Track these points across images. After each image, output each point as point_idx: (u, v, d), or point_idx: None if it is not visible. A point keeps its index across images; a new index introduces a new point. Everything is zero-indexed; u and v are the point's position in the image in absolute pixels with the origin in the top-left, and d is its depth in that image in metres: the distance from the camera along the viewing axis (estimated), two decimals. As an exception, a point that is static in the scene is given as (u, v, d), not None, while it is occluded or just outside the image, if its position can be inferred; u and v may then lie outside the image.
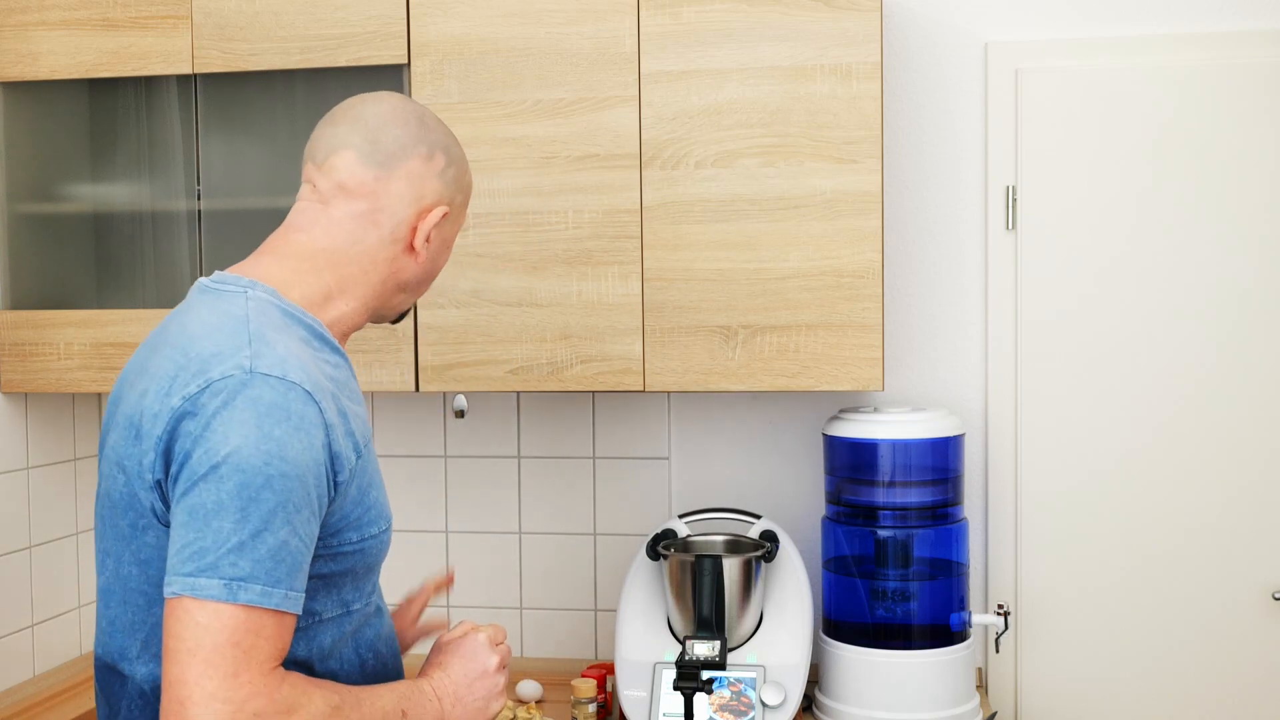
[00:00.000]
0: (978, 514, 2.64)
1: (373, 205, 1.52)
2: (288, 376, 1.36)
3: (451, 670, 1.53)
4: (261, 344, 1.39)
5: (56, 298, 2.61)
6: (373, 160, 1.52)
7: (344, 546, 1.45)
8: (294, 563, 1.33)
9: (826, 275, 2.28)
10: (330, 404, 1.40)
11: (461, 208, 1.62)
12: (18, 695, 2.53)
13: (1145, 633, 2.58)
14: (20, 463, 2.62)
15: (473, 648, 1.55)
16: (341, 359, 1.52)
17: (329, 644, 1.48)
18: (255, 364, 1.36)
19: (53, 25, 2.48)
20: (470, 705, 1.52)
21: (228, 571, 1.29)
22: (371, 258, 1.53)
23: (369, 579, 1.53)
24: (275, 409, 1.34)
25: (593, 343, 2.35)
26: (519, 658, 2.80)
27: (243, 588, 1.29)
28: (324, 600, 1.46)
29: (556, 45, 2.33)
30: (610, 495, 2.76)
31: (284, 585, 1.32)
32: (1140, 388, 2.56)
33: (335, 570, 1.45)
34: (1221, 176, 2.52)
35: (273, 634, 1.31)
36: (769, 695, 2.27)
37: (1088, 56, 2.56)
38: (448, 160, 1.57)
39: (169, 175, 2.52)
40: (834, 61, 2.25)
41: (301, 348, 1.43)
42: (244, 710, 1.27)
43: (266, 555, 1.30)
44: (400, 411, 2.82)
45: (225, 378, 1.35)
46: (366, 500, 1.46)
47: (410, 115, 1.55)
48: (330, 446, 1.38)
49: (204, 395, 1.35)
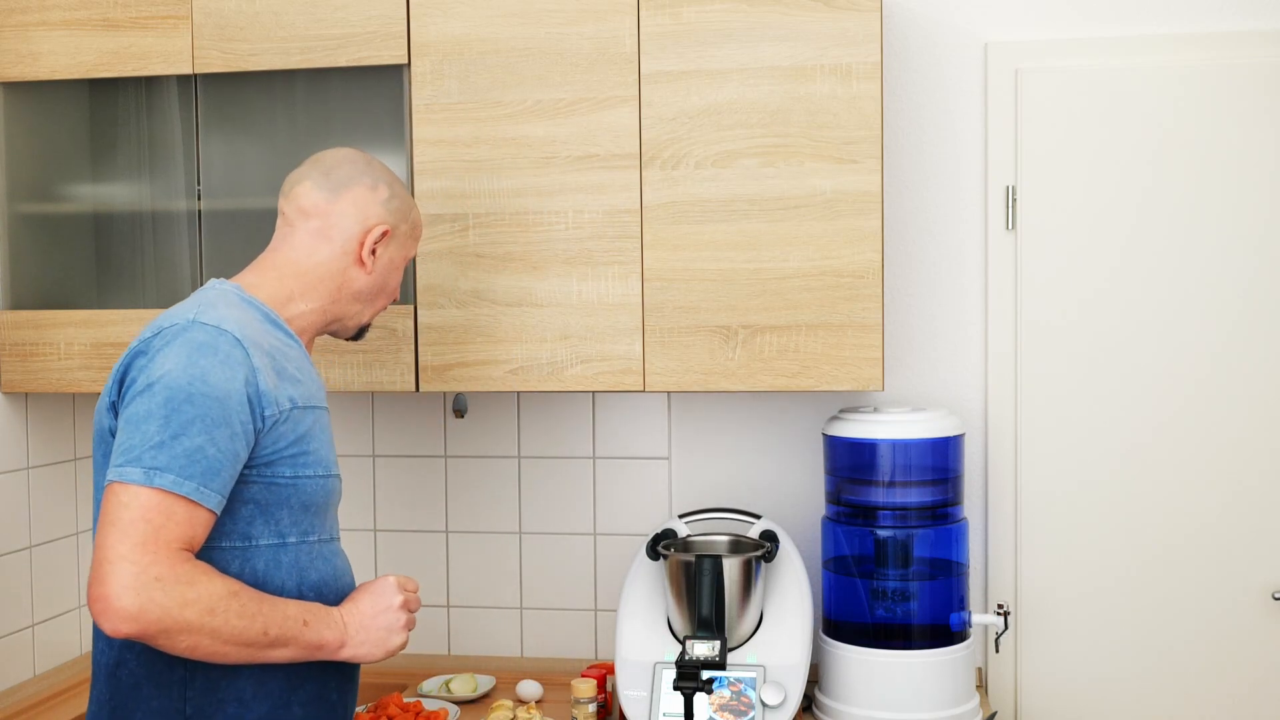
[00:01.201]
0: (978, 514, 2.64)
1: (325, 223, 1.89)
2: (221, 325, 1.69)
3: (360, 603, 1.78)
4: (208, 307, 1.73)
5: (57, 298, 2.61)
6: (325, 187, 1.90)
7: (277, 478, 1.73)
8: (208, 465, 1.61)
9: (826, 275, 2.28)
10: (263, 356, 1.71)
11: (407, 236, 1.98)
12: (18, 695, 2.53)
13: (1145, 633, 2.58)
14: (20, 463, 2.62)
15: (381, 586, 1.80)
16: (294, 344, 1.83)
17: (262, 569, 1.72)
18: (198, 316, 1.70)
19: (53, 25, 2.48)
20: (373, 634, 1.76)
21: (148, 462, 1.58)
22: (327, 267, 1.88)
23: (306, 517, 1.77)
24: (205, 346, 1.66)
25: (593, 343, 2.35)
26: (519, 658, 2.80)
27: (158, 475, 1.58)
28: (260, 527, 1.73)
29: (556, 45, 2.33)
30: (610, 495, 2.76)
31: (196, 480, 1.59)
32: (1140, 387, 2.56)
33: (270, 499, 1.73)
34: (1221, 176, 2.52)
35: (182, 520, 1.59)
36: (769, 695, 2.27)
37: (1088, 56, 2.56)
38: (391, 193, 1.94)
39: (169, 175, 2.52)
40: (834, 61, 2.25)
41: (251, 320, 1.75)
42: (147, 573, 1.54)
43: (182, 454, 1.59)
44: (400, 411, 2.82)
45: (172, 325, 1.70)
46: (303, 445, 1.75)
47: (359, 157, 1.95)
48: (257, 384, 1.68)
49: (155, 339, 1.69)
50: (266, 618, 1.64)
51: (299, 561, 1.77)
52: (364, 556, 2.85)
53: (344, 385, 2.41)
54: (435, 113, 2.36)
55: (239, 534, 1.71)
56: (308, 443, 1.76)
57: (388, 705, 2.34)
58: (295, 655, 1.68)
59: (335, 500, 1.86)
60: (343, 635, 1.73)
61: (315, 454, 1.78)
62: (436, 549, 2.83)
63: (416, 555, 2.83)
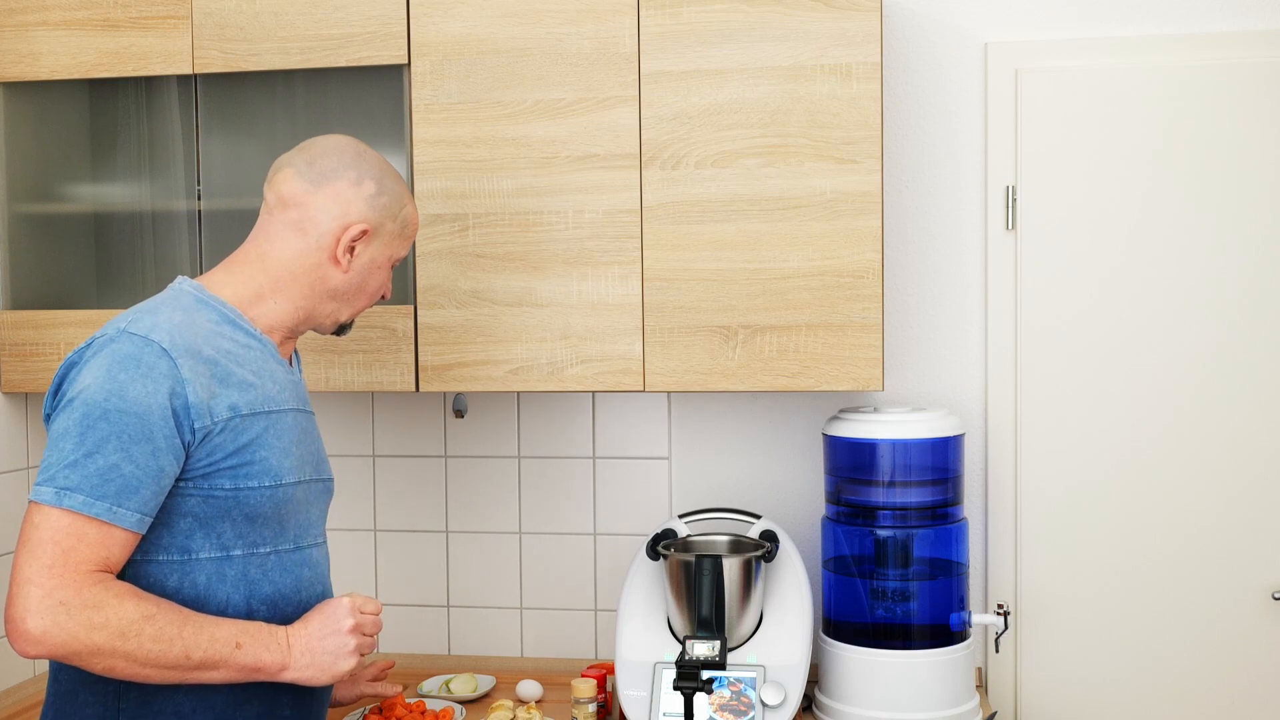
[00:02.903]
0: (978, 514, 2.64)
1: (302, 215, 1.79)
2: (150, 336, 1.62)
3: (310, 624, 1.70)
4: (143, 314, 1.67)
5: (57, 298, 2.61)
6: (306, 177, 1.80)
7: (216, 491, 1.66)
8: (124, 484, 1.56)
9: (826, 275, 2.28)
10: (198, 364, 1.64)
11: (395, 236, 1.87)
12: (18, 695, 2.53)
13: (1145, 632, 2.58)
14: (20, 463, 2.62)
15: (333, 608, 1.72)
16: (256, 343, 1.75)
17: (204, 582, 1.67)
18: (128, 326, 1.64)
19: (53, 25, 2.48)
20: (318, 656, 1.68)
21: (60, 482, 1.55)
22: (300, 263, 1.79)
23: (255, 529, 1.71)
24: (128, 359, 1.60)
25: (593, 343, 2.35)
26: (519, 658, 2.80)
27: (68, 495, 1.54)
28: (200, 540, 1.67)
29: (556, 45, 2.33)
30: (610, 495, 2.76)
31: (109, 500, 1.55)
32: (1141, 387, 2.56)
33: (209, 512, 1.66)
34: (1221, 176, 2.52)
35: (94, 541, 1.55)
36: (769, 695, 2.27)
37: (1088, 56, 2.56)
38: (378, 189, 1.83)
39: (169, 175, 2.52)
40: (834, 61, 2.25)
41: (196, 323, 1.68)
42: (51, 596, 1.51)
43: (95, 473, 1.55)
44: (400, 411, 2.82)
45: (102, 336, 1.64)
46: (246, 455, 1.68)
47: (349, 148, 1.84)
48: (185, 396, 1.61)
49: (86, 350, 1.64)
50: (188, 641, 1.58)
51: (247, 574, 1.71)
52: (364, 556, 2.85)
53: (344, 385, 2.41)
54: (435, 113, 2.36)
55: (177, 547, 1.66)
56: (253, 452, 1.69)
57: (394, 706, 2.34)
58: (231, 677, 1.63)
59: (296, 509, 1.77)
60: (284, 657, 1.66)
61: (263, 463, 1.70)
62: (436, 549, 2.83)
63: (416, 555, 2.83)
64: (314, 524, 1.83)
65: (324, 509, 1.88)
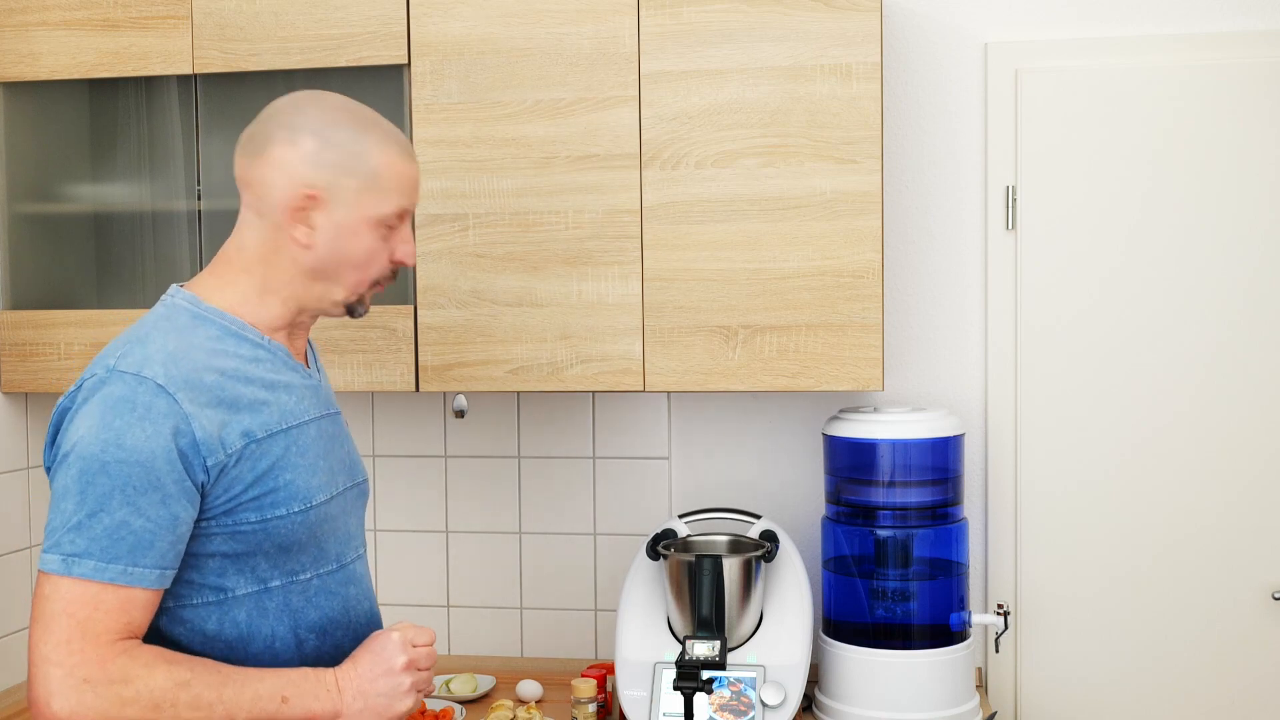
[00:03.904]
0: (978, 514, 2.64)
1: (253, 194, 1.58)
2: (141, 373, 1.46)
3: (360, 665, 1.56)
4: (135, 345, 1.50)
5: (57, 298, 2.61)
6: (247, 151, 1.59)
7: (242, 526, 1.52)
8: (136, 541, 1.42)
9: (826, 275, 2.28)
10: (201, 395, 1.48)
11: (362, 191, 1.57)
12: (18, 695, 2.53)
13: (1145, 632, 2.58)
14: (20, 463, 2.62)
15: (383, 644, 1.58)
16: (265, 352, 1.58)
17: (245, 620, 1.54)
18: (118, 364, 1.47)
19: (53, 25, 2.48)
20: (373, 700, 1.54)
21: (66, 548, 1.41)
22: (269, 248, 1.58)
23: (291, 558, 1.57)
24: (121, 402, 1.44)
25: (593, 343, 2.35)
26: (519, 658, 2.80)
27: (77, 562, 1.40)
28: (235, 577, 1.53)
29: (556, 45, 2.33)
30: (610, 495, 2.76)
31: (123, 561, 1.41)
32: (1141, 387, 2.56)
33: (239, 549, 1.53)
34: (1221, 176, 2.52)
35: (113, 607, 1.41)
36: (769, 695, 2.27)
37: (1088, 56, 2.56)
38: (321, 144, 1.55)
39: (169, 175, 2.52)
40: (834, 61, 2.25)
41: (194, 344, 1.52)
42: (73, 675, 1.38)
43: (102, 533, 1.41)
44: (400, 411, 2.82)
45: (91, 377, 1.48)
46: (268, 483, 1.53)
47: (286, 105, 1.59)
48: (192, 434, 1.45)
49: (78, 394, 1.49)
50: (229, 703, 1.45)
51: (289, 604, 1.57)
52: (364, 556, 2.85)
53: (344, 385, 2.41)
54: (435, 113, 2.36)
55: (210, 587, 1.53)
56: (275, 478, 1.53)
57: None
58: None
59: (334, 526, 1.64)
60: (336, 704, 1.52)
61: (289, 488, 1.55)
62: (436, 549, 2.83)
63: (416, 555, 2.83)
64: (354, 535, 1.70)
65: (361, 515, 1.74)
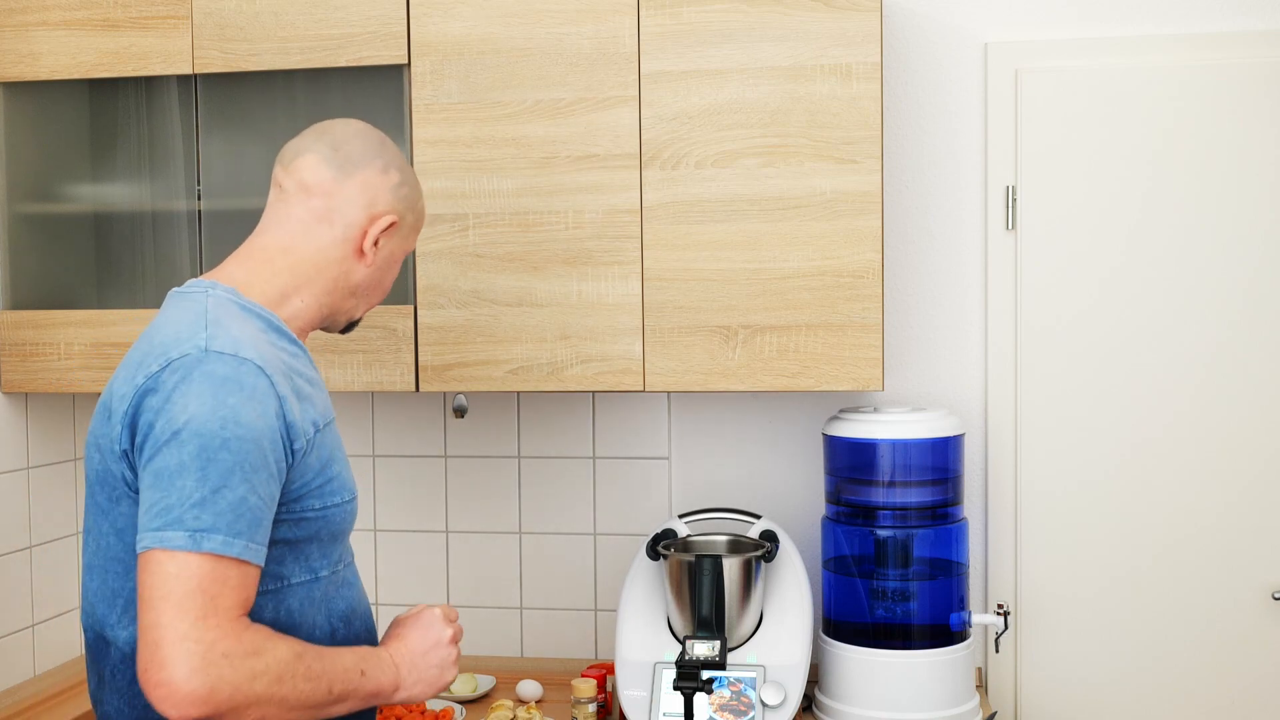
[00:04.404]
0: (978, 514, 2.64)
1: (328, 204, 1.67)
2: (239, 353, 1.50)
3: (409, 640, 1.64)
4: (217, 328, 1.53)
5: (57, 298, 2.61)
6: (333, 164, 1.68)
7: (307, 513, 1.57)
8: (253, 518, 1.45)
9: (826, 275, 2.28)
10: (284, 380, 1.54)
11: (411, 229, 1.77)
12: (18, 695, 2.53)
13: (1145, 632, 2.58)
14: (20, 463, 2.62)
15: (429, 620, 1.67)
16: (299, 349, 1.66)
17: (297, 608, 1.59)
18: (210, 344, 1.50)
19: (53, 25, 2.48)
20: (425, 672, 1.63)
21: (191, 524, 1.41)
22: (325, 256, 1.68)
23: (334, 547, 1.64)
24: (229, 381, 1.47)
25: (593, 343, 2.35)
26: (519, 658, 2.80)
27: (206, 537, 1.41)
28: (291, 565, 1.58)
29: (556, 45, 2.33)
30: (610, 495, 2.76)
31: (244, 537, 1.44)
32: (1141, 387, 2.56)
33: (300, 536, 1.58)
34: (1221, 176, 2.52)
35: (237, 583, 1.44)
36: (769, 695, 2.27)
37: (1088, 56, 2.56)
38: (402, 179, 1.73)
39: (169, 175, 2.52)
40: (834, 61, 2.25)
41: (257, 335, 1.58)
42: (214, 650, 1.39)
43: (227, 509, 1.43)
44: (400, 411, 2.82)
45: (183, 356, 1.50)
46: (329, 472, 1.60)
47: (373, 135, 1.73)
48: (285, 416, 1.51)
49: (164, 373, 1.49)
50: (331, 676, 1.50)
51: (328, 594, 1.64)
52: (364, 557, 2.85)
53: (344, 385, 2.41)
54: (435, 113, 2.36)
55: (271, 575, 1.55)
56: (331, 468, 1.61)
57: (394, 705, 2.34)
58: (352, 708, 1.55)
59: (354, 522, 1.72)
60: (396, 677, 1.60)
61: (339, 478, 1.62)
62: (436, 549, 2.83)
63: (416, 555, 2.83)
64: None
65: None
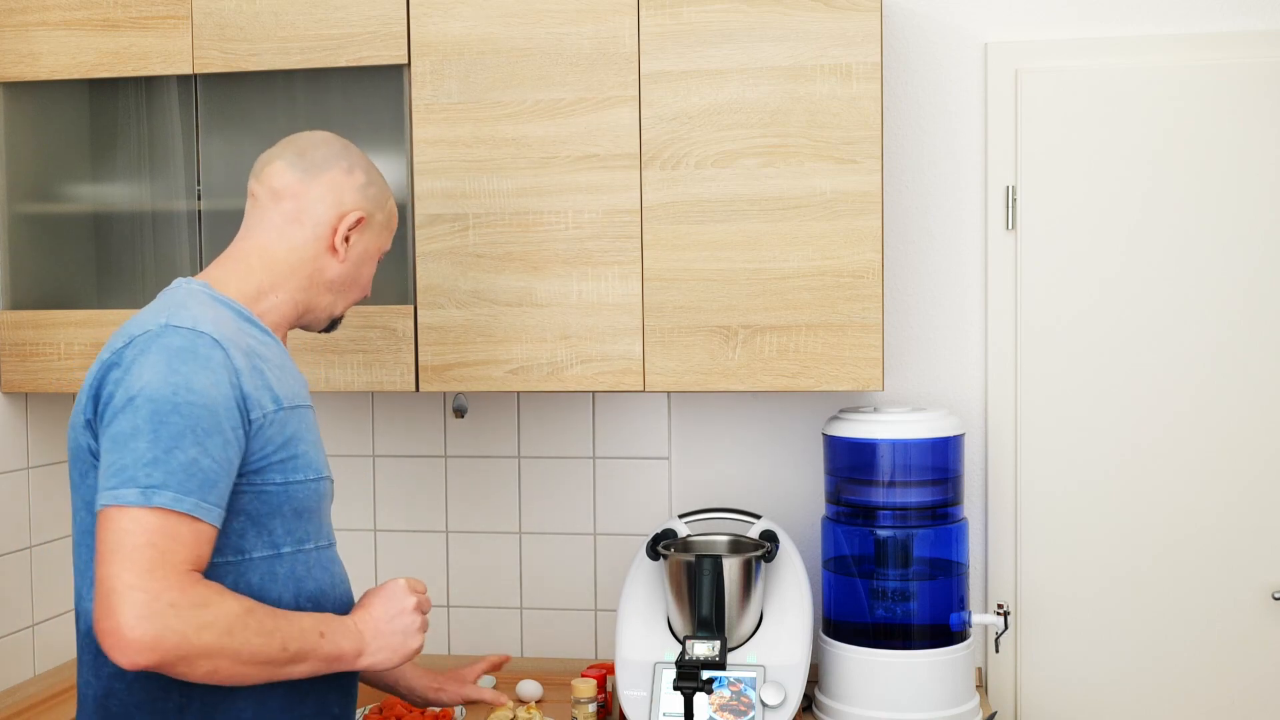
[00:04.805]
0: (978, 514, 2.64)
1: (298, 205, 1.80)
2: (197, 327, 1.61)
3: (373, 609, 1.71)
4: (179, 309, 1.65)
5: (57, 298, 2.61)
6: (299, 168, 1.81)
7: (268, 486, 1.65)
8: (205, 478, 1.54)
9: (826, 275, 2.28)
10: (241, 356, 1.63)
11: (383, 227, 1.89)
12: (18, 695, 2.53)
13: (1145, 632, 2.58)
14: (20, 463, 2.62)
15: (392, 590, 1.73)
16: (270, 339, 1.75)
17: (257, 582, 1.65)
18: (169, 320, 1.62)
19: (53, 25, 2.48)
20: (389, 639, 1.70)
21: (143, 481, 1.50)
22: (299, 254, 1.80)
23: (300, 524, 1.71)
24: (183, 350, 1.58)
25: (593, 343, 2.35)
26: (519, 658, 2.80)
27: (156, 493, 1.50)
28: (253, 539, 1.65)
29: (556, 45, 2.33)
30: (610, 495, 2.76)
31: (195, 495, 1.52)
32: (1141, 387, 2.56)
33: (261, 509, 1.65)
34: (1221, 176, 2.52)
35: (188, 540, 1.52)
36: (769, 695, 2.27)
37: (1088, 56, 2.56)
38: (368, 180, 1.85)
39: (169, 175, 2.52)
40: (834, 61, 2.25)
41: (224, 319, 1.67)
42: (160, 600, 1.47)
43: (178, 468, 1.52)
44: (400, 411, 2.82)
45: (144, 333, 1.61)
46: (291, 449, 1.68)
47: (336, 141, 1.86)
48: (241, 386, 1.61)
49: (127, 349, 1.60)
50: (284, 633, 1.57)
51: (295, 572, 1.69)
52: (364, 557, 2.85)
53: (344, 385, 2.41)
54: (435, 113, 2.37)
55: (231, 548, 1.63)
56: (296, 445, 1.69)
57: (394, 705, 2.34)
58: (313, 669, 1.61)
59: (328, 504, 1.79)
60: (360, 643, 1.66)
61: (304, 456, 1.70)
62: (436, 549, 2.83)
63: (416, 555, 2.83)
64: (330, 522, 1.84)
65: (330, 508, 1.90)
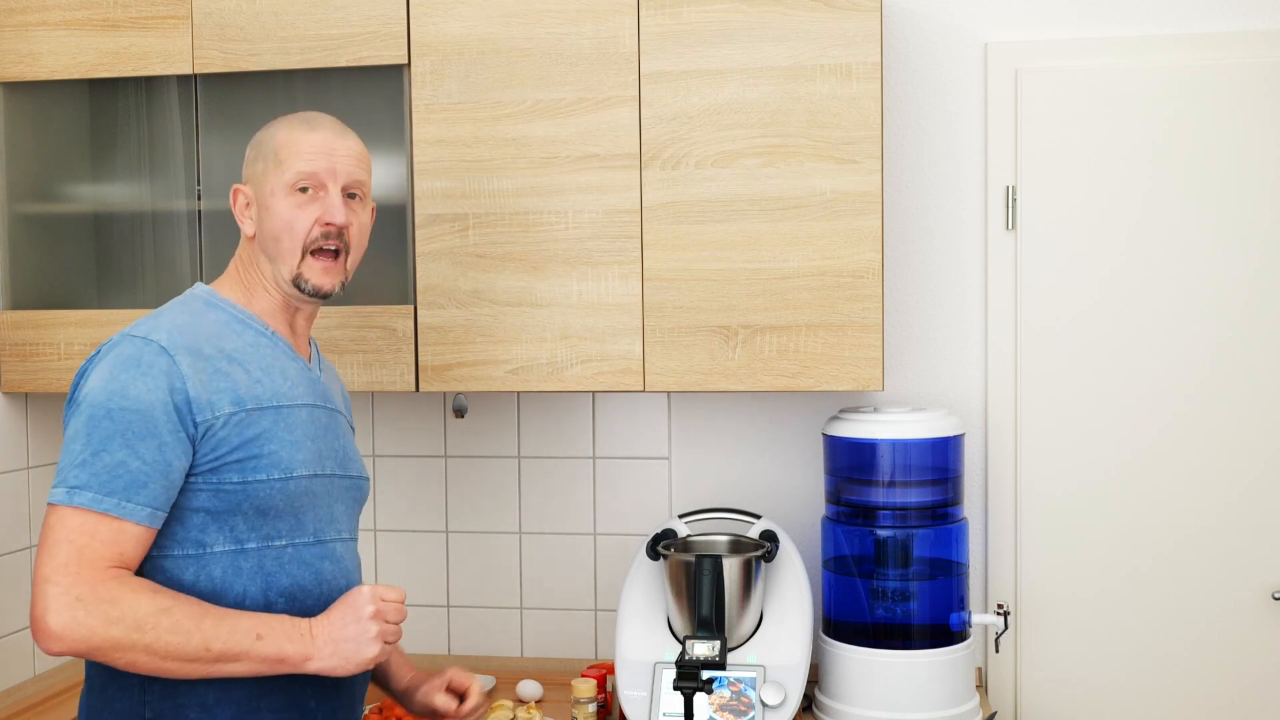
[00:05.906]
0: (978, 514, 2.64)
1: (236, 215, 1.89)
2: (149, 337, 1.69)
3: (332, 614, 1.70)
4: (152, 317, 1.74)
5: (56, 298, 2.61)
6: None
7: (225, 485, 1.69)
8: (131, 480, 1.61)
9: (826, 275, 2.28)
10: (198, 362, 1.69)
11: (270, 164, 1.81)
12: (18, 695, 2.53)
13: (1145, 632, 2.58)
14: (20, 463, 2.62)
15: (353, 597, 1.71)
16: (269, 340, 1.80)
17: (220, 575, 1.69)
18: (130, 330, 1.71)
19: (53, 25, 2.48)
20: (341, 646, 1.67)
21: (71, 481, 1.60)
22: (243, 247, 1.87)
23: (268, 522, 1.73)
24: (128, 359, 1.66)
25: (593, 343, 2.35)
26: (519, 658, 2.80)
27: (78, 494, 1.59)
28: (214, 534, 1.70)
29: (556, 45, 2.33)
30: (610, 495, 2.76)
31: (116, 495, 1.60)
32: (1141, 387, 2.56)
33: (220, 506, 1.69)
34: (1221, 176, 2.52)
35: (108, 538, 1.60)
36: (769, 695, 2.27)
37: (1088, 56, 2.56)
38: (249, 147, 1.87)
39: (169, 175, 2.52)
40: (834, 61, 2.25)
41: (202, 324, 1.75)
42: (69, 594, 1.56)
43: (102, 470, 1.60)
44: (400, 411, 2.82)
45: (109, 342, 1.72)
46: (252, 449, 1.70)
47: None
48: (186, 392, 1.66)
49: (94, 357, 1.72)
50: (207, 633, 1.60)
51: (263, 567, 1.72)
52: (364, 557, 2.85)
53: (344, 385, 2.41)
54: (435, 113, 2.36)
55: (192, 541, 1.69)
56: (260, 445, 1.71)
57: (394, 705, 2.34)
58: (255, 669, 1.64)
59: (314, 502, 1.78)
60: (308, 648, 1.65)
61: (271, 456, 1.72)
62: (436, 549, 2.83)
63: (416, 555, 2.83)
64: (338, 519, 1.84)
65: (351, 505, 1.88)
